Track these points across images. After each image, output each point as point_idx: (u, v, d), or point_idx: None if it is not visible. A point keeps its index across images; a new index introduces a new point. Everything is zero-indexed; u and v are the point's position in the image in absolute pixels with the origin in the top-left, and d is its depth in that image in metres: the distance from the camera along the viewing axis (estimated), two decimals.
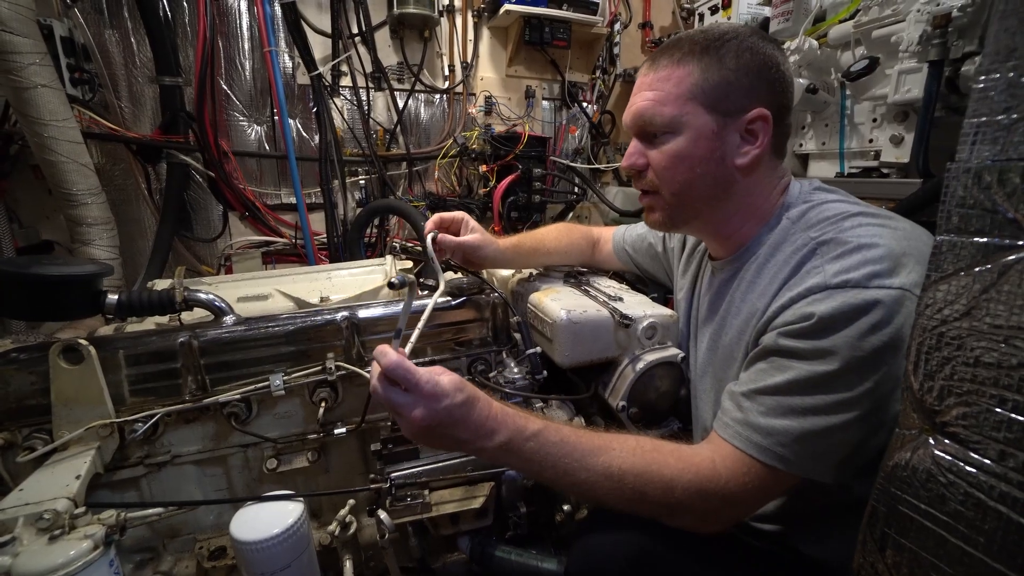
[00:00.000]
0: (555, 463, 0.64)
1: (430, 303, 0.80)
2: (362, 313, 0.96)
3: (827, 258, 0.64)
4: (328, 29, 2.06)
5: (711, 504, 0.63)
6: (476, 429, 0.63)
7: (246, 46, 1.99)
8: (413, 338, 0.71)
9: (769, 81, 0.71)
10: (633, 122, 0.77)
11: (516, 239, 1.10)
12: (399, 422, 0.64)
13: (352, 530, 0.88)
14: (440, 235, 0.97)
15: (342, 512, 0.88)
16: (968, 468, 0.44)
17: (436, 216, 0.99)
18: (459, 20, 2.30)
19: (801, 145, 1.61)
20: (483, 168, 2.28)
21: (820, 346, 0.60)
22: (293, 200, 2.08)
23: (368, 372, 0.91)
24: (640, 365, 0.94)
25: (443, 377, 0.62)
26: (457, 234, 1.00)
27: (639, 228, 1.14)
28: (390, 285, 0.83)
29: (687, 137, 0.72)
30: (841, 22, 1.37)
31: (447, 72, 2.33)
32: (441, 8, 2.21)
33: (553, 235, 1.15)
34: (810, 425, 0.61)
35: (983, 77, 0.42)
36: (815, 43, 1.43)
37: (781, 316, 0.66)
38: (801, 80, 1.41)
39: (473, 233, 1.00)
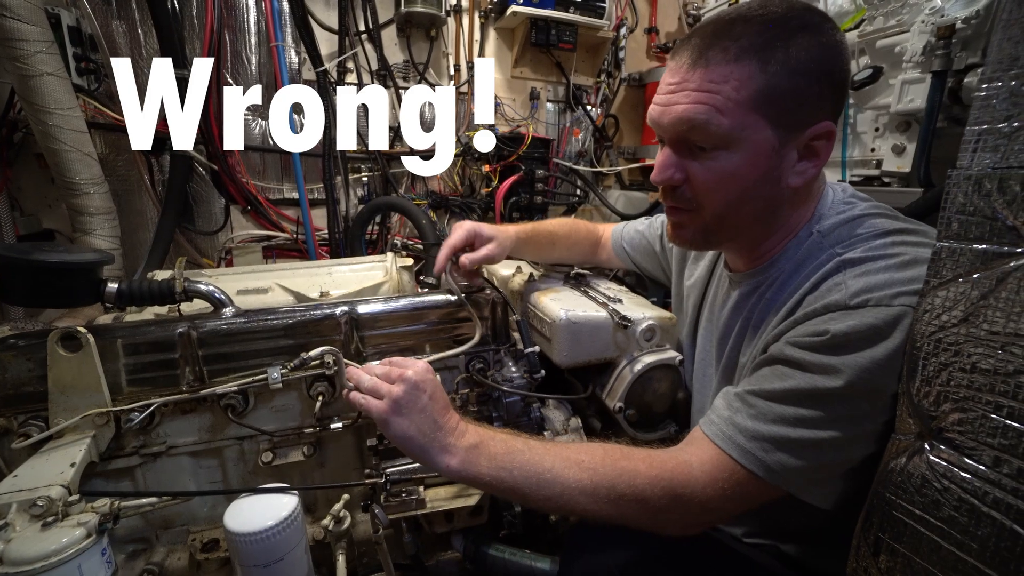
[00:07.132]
0: (514, 482, 0.64)
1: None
2: (361, 309, 0.96)
3: (851, 275, 0.59)
4: (335, 26, 2.06)
5: (686, 508, 0.61)
6: (431, 449, 0.67)
7: (253, 40, 1.99)
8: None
9: (836, 86, 0.61)
10: (672, 128, 0.64)
11: (530, 229, 1.08)
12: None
13: (346, 525, 0.88)
14: (461, 259, 0.96)
15: (336, 507, 0.88)
16: (963, 474, 0.44)
17: (447, 248, 0.96)
18: (466, 20, 2.30)
19: None
20: (486, 168, 2.29)
21: (828, 362, 0.57)
22: (295, 195, 2.08)
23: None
24: (638, 367, 0.94)
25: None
26: (473, 249, 0.98)
27: (637, 225, 1.13)
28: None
29: (743, 155, 0.61)
30: (846, 31, 1.38)
31: (452, 72, 2.33)
32: (448, 8, 2.22)
33: (564, 230, 1.14)
34: (798, 436, 0.58)
35: (985, 85, 0.42)
36: None
37: (794, 330, 0.62)
38: None
39: (489, 243, 0.98)
